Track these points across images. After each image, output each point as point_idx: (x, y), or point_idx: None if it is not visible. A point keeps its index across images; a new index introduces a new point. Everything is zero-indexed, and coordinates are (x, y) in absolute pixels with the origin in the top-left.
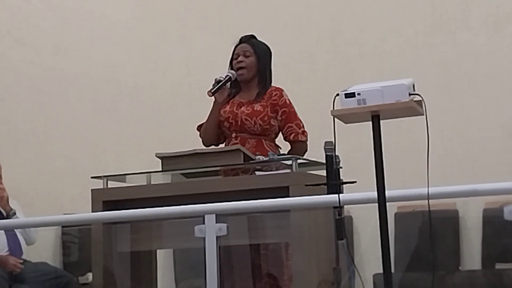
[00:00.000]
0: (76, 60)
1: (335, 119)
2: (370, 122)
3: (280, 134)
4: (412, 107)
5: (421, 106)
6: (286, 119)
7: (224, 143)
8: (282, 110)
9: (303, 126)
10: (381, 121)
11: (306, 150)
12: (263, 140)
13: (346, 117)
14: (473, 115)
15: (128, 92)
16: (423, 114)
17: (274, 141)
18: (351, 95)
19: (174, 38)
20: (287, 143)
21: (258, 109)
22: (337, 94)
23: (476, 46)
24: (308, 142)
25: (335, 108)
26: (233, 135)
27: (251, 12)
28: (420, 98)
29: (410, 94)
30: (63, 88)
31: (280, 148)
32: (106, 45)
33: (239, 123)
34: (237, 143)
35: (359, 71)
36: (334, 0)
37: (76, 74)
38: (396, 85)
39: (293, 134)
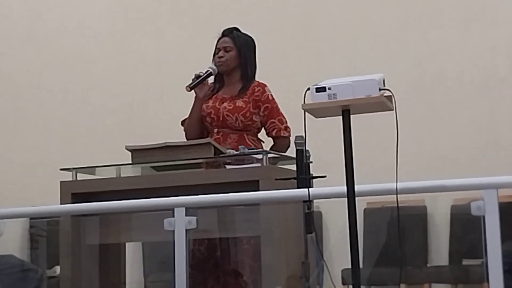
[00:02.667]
0: (47, 52)
1: (306, 113)
2: (341, 117)
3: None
4: (382, 102)
5: (391, 102)
6: (268, 115)
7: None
8: (265, 106)
9: (286, 122)
10: (352, 116)
11: (289, 146)
12: (245, 135)
13: (316, 111)
14: (443, 111)
15: (99, 85)
16: (393, 109)
17: (257, 135)
18: (322, 89)
19: (146, 32)
20: (270, 138)
21: (240, 105)
22: (308, 88)
23: (447, 43)
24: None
25: (306, 103)
26: (215, 130)
27: (224, 7)
28: (390, 94)
29: (380, 89)
30: (34, 80)
31: (263, 142)
32: (78, 38)
33: (221, 118)
34: (219, 138)
35: (331, 66)
36: None
37: (46, 66)
38: (367, 80)
39: (275, 130)
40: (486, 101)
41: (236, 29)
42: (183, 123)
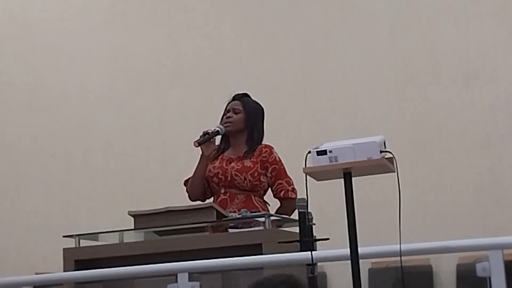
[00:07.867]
0: (48, 117)
1: (307, 176)
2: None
3: (270, 191)
4: (384, 164)
5: (393, 163)
6: (276, 176)
7: (213, 199)
8: (272, 167)
9: (292, 184)
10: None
11: (295, 208)
12: (252, 196)
13: (318, 174)
14: (444, 169)
15: (100, 148)
16: (394, 171)
17: (263, 197)
18: (323, 152)
19: (147, 94)
20: (276, 200)
21: (248, 165)
22: (309, 152)
23: (447, 101)
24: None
25: (307, 165)
26: (222, 190)
27: (223, 68)
28: (392, 155)
29: (381, 152)
30: (36, 145)
31: (269, 205)
32: (79, 101)
33: (228, 178)
34: (226, 199)
35: (331, 126)
36: (306, 55)
37: (48, 131)
38: (367, 143)
39: (283, 191)
40: (487, 158)
41: (247, 95)
42: (186, 182)
